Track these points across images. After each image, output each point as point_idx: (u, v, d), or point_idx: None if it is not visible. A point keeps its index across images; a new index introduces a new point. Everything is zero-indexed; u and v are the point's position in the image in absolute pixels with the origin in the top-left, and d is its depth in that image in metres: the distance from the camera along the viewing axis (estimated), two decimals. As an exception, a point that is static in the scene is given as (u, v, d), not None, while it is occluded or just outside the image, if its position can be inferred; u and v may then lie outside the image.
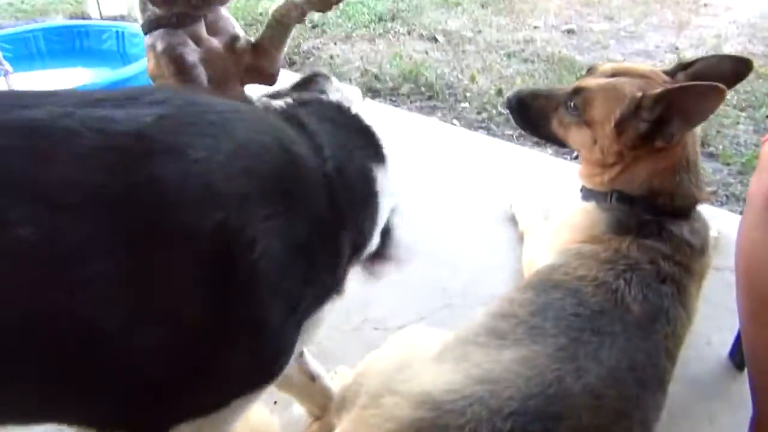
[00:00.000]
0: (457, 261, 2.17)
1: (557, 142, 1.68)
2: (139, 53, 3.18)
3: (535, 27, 4.54)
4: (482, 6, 4.97)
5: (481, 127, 3.18)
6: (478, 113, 3.32)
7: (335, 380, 1.63)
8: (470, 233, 2.32)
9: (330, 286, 1.10)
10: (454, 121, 3.25)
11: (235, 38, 1.87)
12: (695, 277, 1.39)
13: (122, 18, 4.70)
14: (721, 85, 1.30)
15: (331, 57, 4.07)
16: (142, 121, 0.80)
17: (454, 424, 1.12)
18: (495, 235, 2.30)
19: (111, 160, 0.75)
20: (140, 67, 2.84)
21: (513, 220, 2.33)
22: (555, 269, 1.43)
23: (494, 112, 3.28)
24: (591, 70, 1.61)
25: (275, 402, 1.63)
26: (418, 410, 1.16)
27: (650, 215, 1.45)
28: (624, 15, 4.79)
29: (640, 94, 1.42)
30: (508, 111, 1.74)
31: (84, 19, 4.78)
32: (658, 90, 1.39)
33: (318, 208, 0.99)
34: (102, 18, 4.77)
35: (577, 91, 1.53)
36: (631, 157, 1.49)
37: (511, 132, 3.10)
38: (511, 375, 1.19)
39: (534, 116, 1.66)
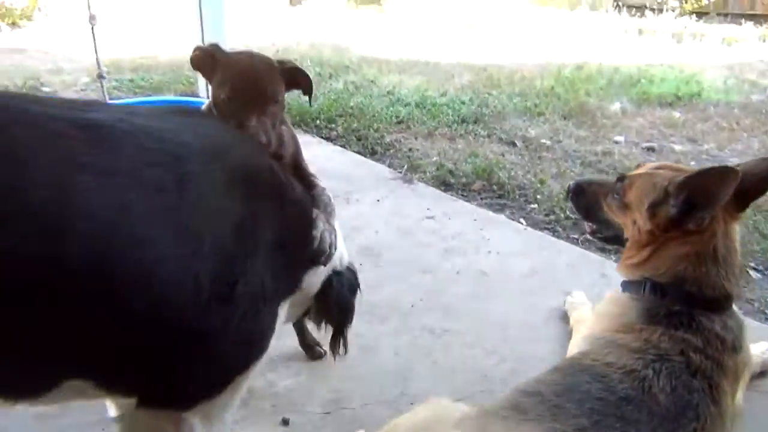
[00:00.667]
0: (502, 350, 2.18)
1: (609, 231, 1.80)
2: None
3: (615, 142, 4.60)
4: (564, 118, 5.10)
5: (547, 228, 3.22)
6: (546, 215, 3.37)
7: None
8: (520, 325, 2.33)
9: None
10: (521, 219, 3.30)
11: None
12: (728, 374, 1.36)
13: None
14: (735, 167, 1.39)
15: (410, 150, 4.26)
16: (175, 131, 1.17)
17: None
18: (545, 329, 2.31)
19: (159, 157, 1.08)
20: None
21: (565, 318, 2.34)
22: (585, 355, 1.44)
23: (562, 215, 3.32)
24: (639, 166, 1.72)
25: None
26: None
27: (680, 305, 1.45)
28: (708, 139, 4.79)
29: (667, 182, 1.52)
30: (569, 199, 1.91)
31: (192, 96, 5.22)
32: (682, 177, 1.49)
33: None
34: (208, 97, 5.19)
35: (621, 179, 1.71)
36: (662, 240, 1.54)
37: (576, 236, 3.12)
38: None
39: (588, 201, 1.83)
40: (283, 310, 1.36)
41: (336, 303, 1.59)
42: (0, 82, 5.46)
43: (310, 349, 2.13)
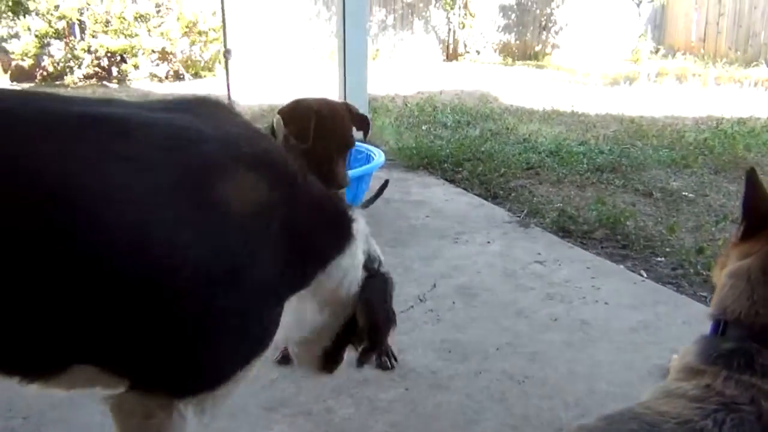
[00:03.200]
0: (586, 403, 1.96)
1: None
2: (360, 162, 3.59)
3: (773, 198, 4.10)
4: (715, 172, 4.64)
5: (672, 283, 2.89)
6: (673, 269, 3.03)
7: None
8: (612, 380, 2.08)
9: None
10: (642, 272, 3.00)
11: None
12: None
13: (362, 142, 5.24)
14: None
15: (534, 195, 4.08)
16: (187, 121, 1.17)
17: None
18: (639, 386, 2.01)
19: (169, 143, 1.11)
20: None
21: (667, 376, 2.05)
22: (640, 404, 1.23)
23: (691, 270, 2.97)
24: None
25: None
26: None
27: (741, 342, 1.20)
28: None
29: None
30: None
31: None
32: None
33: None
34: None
35: None
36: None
37: (705, 293, 2.77)
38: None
39: None
40: (292, 306, 1.30)
41: (363, 302, 1.46)
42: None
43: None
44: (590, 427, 1.21)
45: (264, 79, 8.46)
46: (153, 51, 9.61)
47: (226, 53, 3.44)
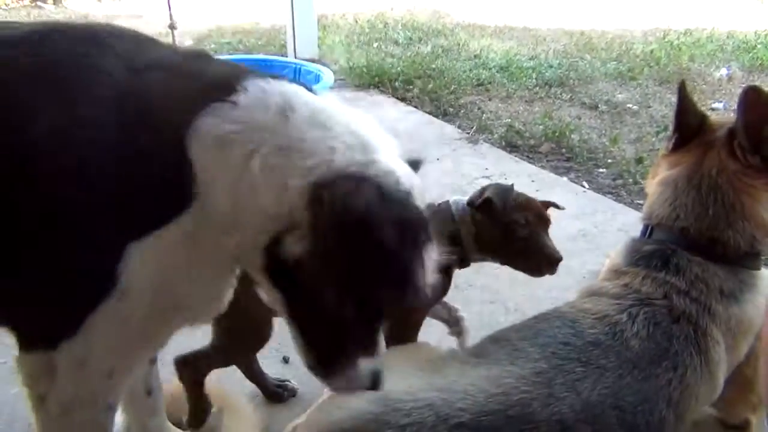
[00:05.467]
0: (525, 308, 2.08)
1: None
2: (309, 83, 3.51)
3: (712, 108, 4.23)
4: (660, 83, 4.75)
5: (611, 193, 3.02)
6: (614, 179, 3.16)
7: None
8: (549, 285, 2.19)
9: None
10: (585, 183, 3.12)
11: None
12: (718, 323, 1.21)
13: (312, 60, 5.17)
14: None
15: (483, 111, 4.13)
16: None
17: (396, 423, 1.09)
18: (575, 290, 2.16)
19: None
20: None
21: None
22: (566, 303, 1.34)
23: (630, 180, 3.10)
24: None
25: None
26: (370, 405, 1.14)
27: (661, 244, 1.31)
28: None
29: None
30: None
31: (280, 56, 5.33)
32: None
33: None
34: (296, 58, 5.29)
35: None
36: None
37: (641, 202, 2.90)
38: (473, 389, 1.14)
39: None
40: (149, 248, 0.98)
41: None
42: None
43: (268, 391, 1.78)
44: (517, 327, 1.31)
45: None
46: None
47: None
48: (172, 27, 3.70)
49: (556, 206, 1.68)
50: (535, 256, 1.55)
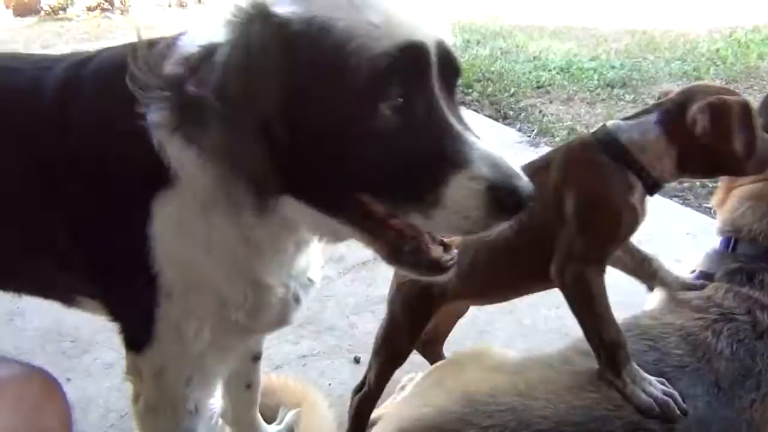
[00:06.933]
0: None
1: None
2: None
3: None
4: (727, 82, 4.62)
5: (678, 196, 2.98)
6: (680, 182, 3.10)
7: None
8: (617, 290, 2.19)
9: None
10: (650, 186, 3.08)
11: None
12: None
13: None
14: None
15: (544, 114, 4.11)
16: None
17: (479, 424, 1.13)
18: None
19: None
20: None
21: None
22: (646, 313, 1.34)
23: (697, 183, 3.04)
24: None
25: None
26: (454, 404, 1.19)
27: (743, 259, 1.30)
28: None
29: None
30: None
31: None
32: None
33: None
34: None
35: None
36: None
37: (709, 205, 2.85)
38: (556, 398, 1.16)
39: None
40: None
41: None
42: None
43: None
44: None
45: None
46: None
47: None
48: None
49: None
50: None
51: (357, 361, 1.92)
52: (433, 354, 1.76)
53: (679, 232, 2.60)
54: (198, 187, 0.93)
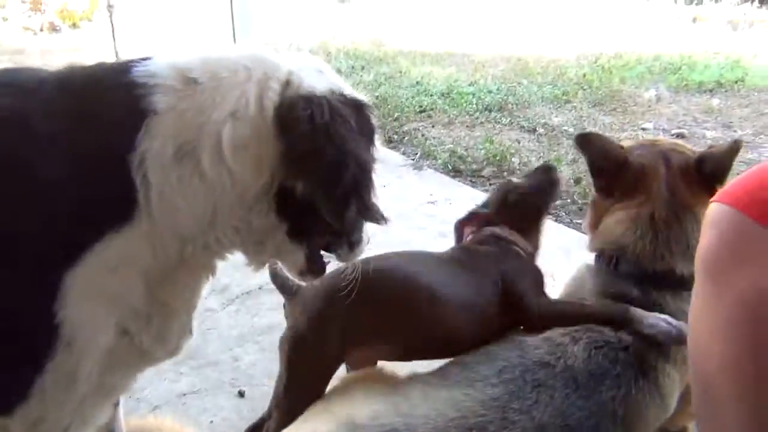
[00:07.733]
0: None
1: None
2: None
3: (643, 129, 4.44)
4: (593, 105, 4.95)
5: (551, 214, 3.13)
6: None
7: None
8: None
9: None
10: (526, 205, 3.23)
11: None
12: (671, 360, 1.29)
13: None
14: None
15: (426, 138, 4.23)
16: None
17: (361, 449, 1.13)
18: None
19: None
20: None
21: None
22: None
23: (568, 200, 3.23)
24: None
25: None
26: (339, 428, 1.18)
27: (627, 280, 1.39)
28: (745, 125, 4.57)
29: None
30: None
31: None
32: None
33: None
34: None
35: None
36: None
37: (581, 221, 3.03)
38: (433, 413, 1.18)
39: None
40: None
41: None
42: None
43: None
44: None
45: (151, 29, 8.10)
46: (23, 0, 8.97)
47: (109, 7, 3.31)
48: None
49: None
50: None
51: (242, 395, 1.87)
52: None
53: (551, 247, 2.73)
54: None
